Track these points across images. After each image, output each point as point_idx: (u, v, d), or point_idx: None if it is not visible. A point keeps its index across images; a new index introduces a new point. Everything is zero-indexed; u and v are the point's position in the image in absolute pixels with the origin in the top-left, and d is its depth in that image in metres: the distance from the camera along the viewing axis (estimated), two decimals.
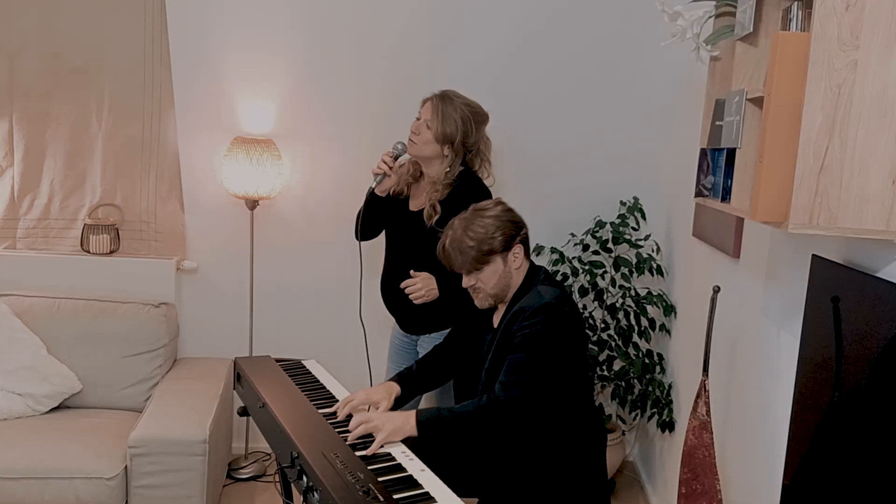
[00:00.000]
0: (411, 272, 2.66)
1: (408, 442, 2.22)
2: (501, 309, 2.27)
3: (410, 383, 2.37)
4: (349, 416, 2.17)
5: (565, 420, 2.16)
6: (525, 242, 2.24)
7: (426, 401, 2.88)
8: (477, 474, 2.25)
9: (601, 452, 2.23)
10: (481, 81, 3.55)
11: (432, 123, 2.62)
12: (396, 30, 3.51)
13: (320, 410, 2.19)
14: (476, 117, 2.68)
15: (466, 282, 2.22)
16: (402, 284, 2.66)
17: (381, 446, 1.98)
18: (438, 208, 2.62)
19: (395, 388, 2.33)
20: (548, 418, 2.13)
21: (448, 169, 2.67)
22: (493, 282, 2.19)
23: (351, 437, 2.00)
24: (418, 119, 2.68)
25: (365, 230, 2.81)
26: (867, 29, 1.33)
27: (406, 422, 2.03)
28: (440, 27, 3.51)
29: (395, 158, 2.71)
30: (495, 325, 2.27)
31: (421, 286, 2.63)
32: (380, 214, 2.79)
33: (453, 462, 2.25)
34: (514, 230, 2.20)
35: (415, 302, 2.65)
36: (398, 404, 2.34)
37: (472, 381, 2.32)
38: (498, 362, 2.14)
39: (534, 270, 2.24)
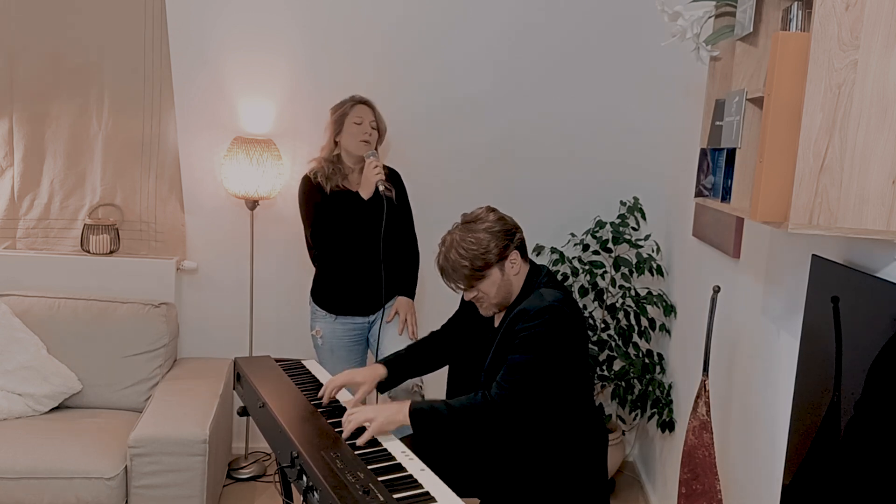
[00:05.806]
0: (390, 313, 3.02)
1: (407, 440, 2.22)
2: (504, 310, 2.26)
3: (397, 367, 2.35)
4: (343, 409, 2.17)
5: (566, 421, 2.16)
6: (521, 247, 2.20)
7: None
8: (477, 474, 2.24)
9: (602, 453, 2.22)
10: (481, 82, 3.56)
11: (378, 124, 2.98)
12: (396, 29, 3.51)
13: (320, 410, 2.19)
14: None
15: (468, 296, 2.21)
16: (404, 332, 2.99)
17: (379, 440, 1.98)
18: (391, 184, 2.98)
19: (381, 371, 2.32)
20: (548, 419, 2.13)
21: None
22: (493, 291, 2.17)
23: (346, 433, 2.00)
24: (358, 123, 2.92)
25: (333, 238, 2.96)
26: (867, 29, 1.33)
27: (399, 411, 2.03)
28: (439, 28, 3.52)
29: None
30: (496, 325, 2.27)
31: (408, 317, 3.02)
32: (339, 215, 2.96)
33: (453, 462, 2.25)
34: (506, 238, 2.16)
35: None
36: (382, 388, 2.34)
37: (467, 378, 2.31)
38: (498, 362, 2.13)
39: (535, 271, 2.22)
